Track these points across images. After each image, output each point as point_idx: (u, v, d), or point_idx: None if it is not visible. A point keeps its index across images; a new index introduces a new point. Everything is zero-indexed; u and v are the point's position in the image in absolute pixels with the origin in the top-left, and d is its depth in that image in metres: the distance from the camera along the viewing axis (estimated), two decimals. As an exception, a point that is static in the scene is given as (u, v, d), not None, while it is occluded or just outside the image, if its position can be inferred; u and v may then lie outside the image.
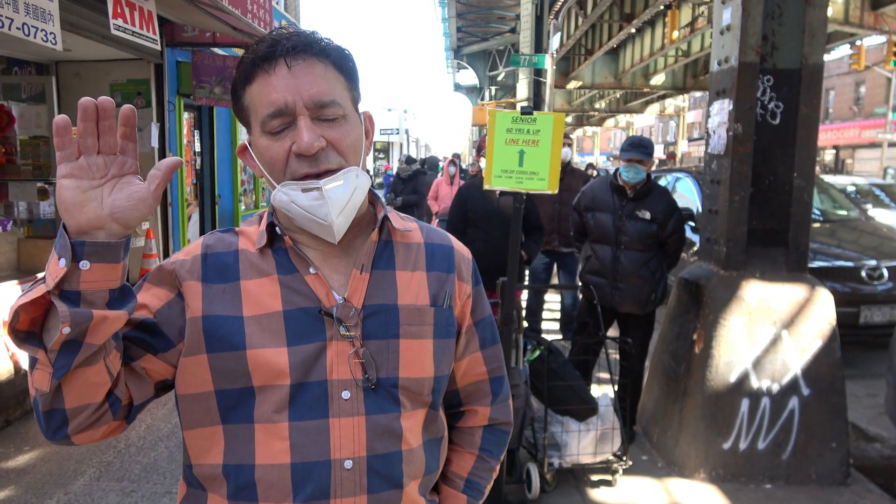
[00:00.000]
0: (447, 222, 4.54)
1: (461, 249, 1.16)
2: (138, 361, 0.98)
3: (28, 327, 0.83)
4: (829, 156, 34.27)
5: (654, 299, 3.74)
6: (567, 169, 5.55)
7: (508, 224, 4.26)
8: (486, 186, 2.82)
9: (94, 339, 0.84)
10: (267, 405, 0.96)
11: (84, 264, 0.81)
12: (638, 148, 3.68)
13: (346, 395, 0.98)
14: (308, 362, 0.97)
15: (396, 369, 1.01)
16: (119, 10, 4.25)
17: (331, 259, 1.03)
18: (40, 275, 0.85)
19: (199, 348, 0.97)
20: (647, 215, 3.68)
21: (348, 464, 0.96)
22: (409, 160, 10.51)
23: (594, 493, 3.29)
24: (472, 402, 1.19)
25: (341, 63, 1.01)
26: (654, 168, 4.84)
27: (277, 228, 1.02)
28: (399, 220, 1.10)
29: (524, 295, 5.92)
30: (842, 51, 21.61)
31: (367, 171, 1.10)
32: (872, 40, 21.38)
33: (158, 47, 5.99)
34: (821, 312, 3.43)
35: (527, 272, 5.11)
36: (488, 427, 1.20)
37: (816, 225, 6.30)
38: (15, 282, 3.94)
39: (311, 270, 1.00)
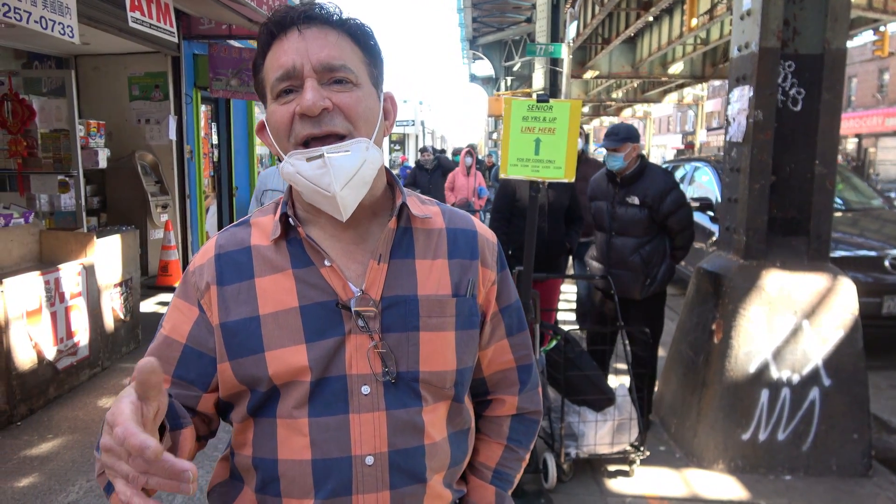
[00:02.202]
0: (492, 210, 4.53)
1: (485, 233, 1.10)
2: (199, 407, 1.00)
3: None
4: (851, 144, 33.68)
5: (650, 284, 3.71)
6: (582, 158, 5.51)
7: (555, 215, 4.29)
8: (501, 175, 2.81)
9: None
10: (288, 401, 0.95)
11: None
12: (609, 136, 3.73)
13: (365, 389, 0.95)
14: (327, 358, 0.95)
15: (417, 363, 0.97)
16: (136, 3, 4.28)
17: (348, 248, 1.00)
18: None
19: (222, 356, 0.97)
20: (636, 200, 3.68)
21: (369, 460, 0.95)
22: (427, 150, 10.45)
23: (611, 484, 3.28)
24: (500, 390, 1.15)
25: (358, 36, 0.97)
26: (662, 155, 4.77)
27: (291, 220, 0.99)
28: (419, 206, 1.06)
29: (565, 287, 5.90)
30: (865, 37, 21.15)
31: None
32: (897, 26, 20.90)
33: (175, 40, 6.03)
34: (843, 302, 3.37)
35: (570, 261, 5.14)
36: (517, 416, 1.17)
37: (838, 214, 6.20)
38: (37, 272, 4.00)
39: (326, 263, 0.97)
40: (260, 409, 0.97)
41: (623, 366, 3.94)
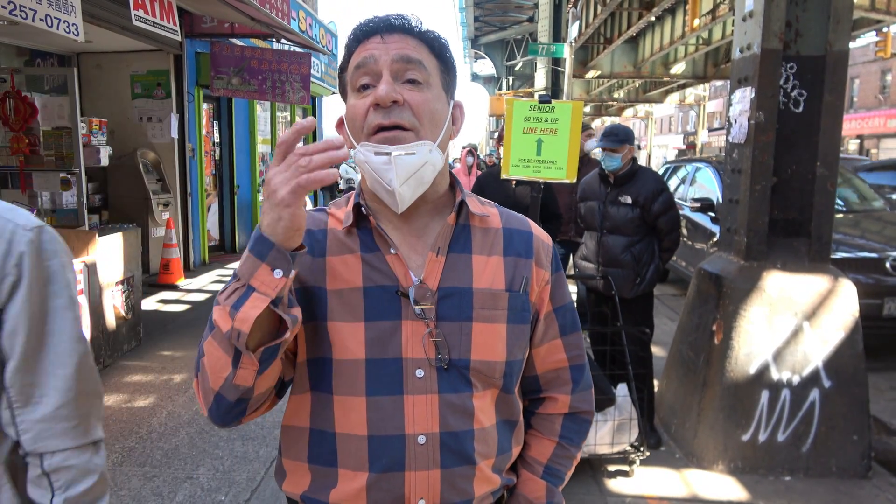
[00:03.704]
0: None
1: (541, 235, 1.16)
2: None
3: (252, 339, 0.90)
4: (853, 145, 33.64)
5: (640, 283, 3.76)
6: (584, 159, 5.53)
7: (523, 212, 4.30)
8: (503, 175, 2.81)
9: (290, 336, 0.93)
10: (346, 378, 1.01)
11: (291, 273, 0.89)
12: (608, 136, 3.76)
13: (419, 373, 1.01)
14: (383, 339, 1.01)
15: (469, 351, 1.03)
16: (140, 2, 4.28)
17: (409, 240, 1.07)
18: (232, 283, 0.91)
19: None
20: (628, 199, 3.74)
21: (422, 439, 1.00)
22: None
23: (611, 484, 3.29)
24: (552, 389, 1.19)
25: (434, 46, 1.06)
26: (663, 155, 4.81)
27: (363, 209, 1.06)
28: (478, 205, 1.12)
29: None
30: (867, 38, 21.14)
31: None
32: (899, 27, 20.88)
33: (179, 38, 6.04)
34: (843, 304, 3.38)
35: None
36: (569, 415, 1.20)
37: (839, 215, 6.20)
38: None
39: (392, 251, 1.04)
40: (314, 382, 1.04)
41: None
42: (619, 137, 3.73)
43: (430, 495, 1.01)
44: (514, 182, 2.87)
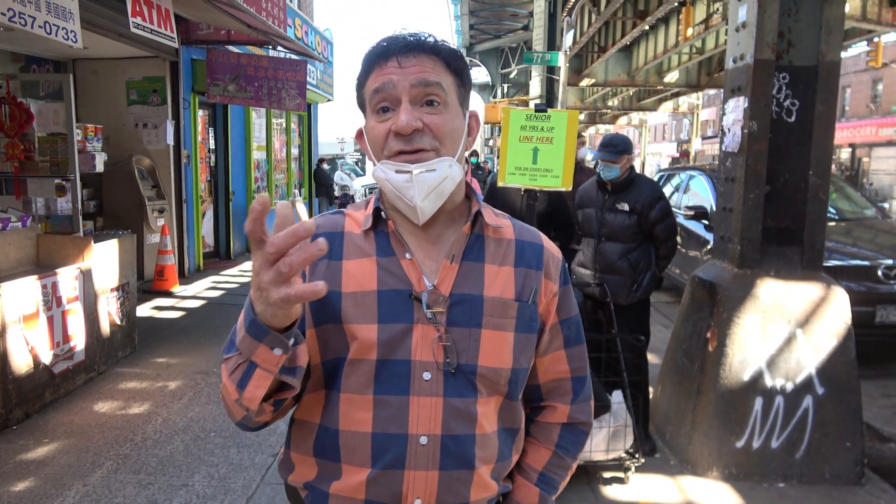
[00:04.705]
0: None
1: (551, 249, 1.19)
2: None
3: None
4: (844, 154, 33.88)
5: (636, 290, 3.78)
6: (578, 167, 5.56)
7: (529, 222, 4.33)
8: (499, 183, 2.83)
9: (297, 388, 1.01)
10: (355, 377, 1.04)
11: (290, 349, 0.92)
12: (607, 148, 3.77)
13: (426, 375, 1.04)
14: (395, 341, 1.04)
15: (476, 357, 1.06)
16: (138, 9, 4.30)
17: (425, 246, 1.10)
18: (234, 355, 0.96)
19: (309, 323, 1.06)
20: (626, 207, 3.76)
21: (424, 440, 1.03)
22: None
23: (606, 491, 3.30)
24: (553, 398, 1.22)
25: (451, 60, 1.08)
26: (657, 163, 4.85)
27: (383, 213, 1.11)
28: (492, 217, 1.15)
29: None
30: (859, 48, 21.36)
31: (467, 164, 1.17)
32: (890, 37, 21.14)
33: (176, 45, 6.05)
34: (836, 311, 3.41)
35: None
36: (567, 425, 1.23)
37: (832, 223, 6.25)
38: (34, 277, 4.00)
39: (407, 256, 1.08)
40: (327, 382, 1.07)
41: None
42: (619, 149, 3.75)
43: (427, 495, 1.04)
44: (523, 190, 2.89)
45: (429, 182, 1.02)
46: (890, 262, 5.44)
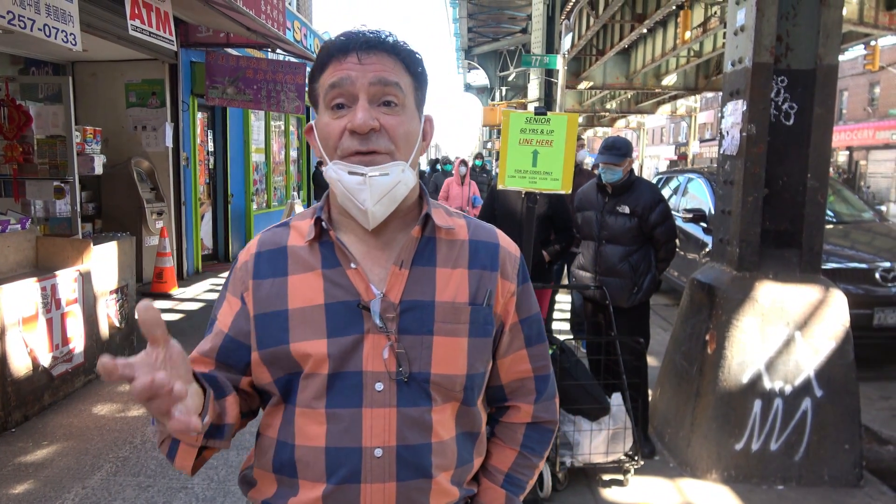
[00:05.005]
0: (479, 218, 4.61)
1: (508, 246, 1.16)
2: (241, 385, 1.10)
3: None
4: (842, 157, 33.97)
5: (637, 292, 3.79)
6: (577, 170, 5.57)
7: (529, 226, 4.34)
8: (499, 186, 2.84)
9: (227, 443, 1.06)
10: (308, 391, 1.02)
11: (206, 425, 0.96)
12: (610, 150, 3.78)
13: (379, 386, 1.01)
14: (345, 353, 1.02)
15: (429, 365, 1.03)
16: (136, 11, 4.30)
17: (373, 252, 1.07)
18: (158, 427, 1.01)
19: (254, 346, 1.06)
20: (626, 209, 3.77)
21: (378, 452, 1.01)
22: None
23: (606, 493, 3.30)
24: (516, 398, 1.19)
25: (410, 62, 1.05)
26: (655, 166, 4.87)
27: (324, 224, 1.07)
28: (444, 218, 1.12)
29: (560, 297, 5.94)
30: (856, 51, 21.42)
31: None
32: (887, 41, 21.22)
33: (174, 48, 6.05)
34: (834, 314, 3.42)
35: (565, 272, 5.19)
36: (532, 424, 1.20)
37: (830, 226, 6.26)
38: (34, 279, 4.00)
39: (353, 265, 1.04)
40: (285, 396, 1.05)
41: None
42: (622, 152, 3.77)
43: None
44: (524, 194, 2.91)
45: (382, 186, 1.00)
46: (887, 264, 5.45)
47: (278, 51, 9.17)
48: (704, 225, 7.09)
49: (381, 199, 1.01)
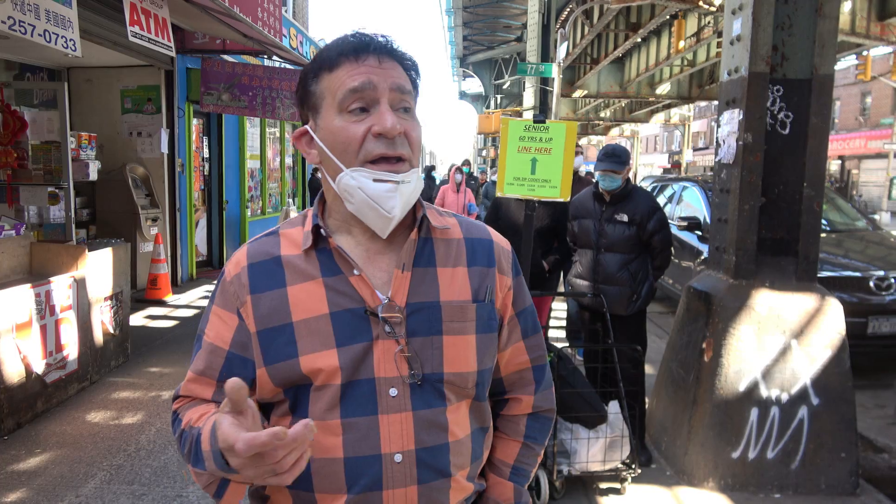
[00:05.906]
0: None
1: (500, 242, 1.17)
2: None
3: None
4: (834, 166, 34.21)
5: (636, 300, 3.80)
6: (575, 177, 5.59)
7: (534, 235, 4.37)
8: (498, 193, 2.84)
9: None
10: (320, 403, 1.01)
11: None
12: (611, 158, 3.79)
13: (393, 392, 1.01)
14: (356, 361, 1.00)
15: (441, 365, 1.03)
16: (135, 18, 4.30)
17: (374, 257, 1.06)
18: (203, 472, 0.97)
19: (260, 362, 1.02)
20: (625, 218, 3.78)
21: (398, 457, 1.00)
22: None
23: (603, 501, 3.29)
24: (516, 390, 1.20)
25: (415, 70, 1.07)
26: (649, 174, 4.89)
27: (322, 231, 1.05)
28: (438, 218, 1.13)
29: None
30: (848, 61, 21.63)
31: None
32: (879, 51, 21.39)
33: (173, 54, 6.05)
34: (830, 322, 3.43)
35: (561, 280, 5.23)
36: (532, 415, 1.22)
37: (824, 235, 6.30)
38: (28, 285, 3.97)
39: (355, 272, 1.03)
40: (294, 410, 1.03)
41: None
42: (622, 159, 3.78)
43: None
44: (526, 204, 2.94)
45: (407, 193, 1.01)
46: (881, 273, 5.48)
47: (274, 58, 9.18)
48: (699, 233, 7.11)
49: (404, 207, 1.02)
